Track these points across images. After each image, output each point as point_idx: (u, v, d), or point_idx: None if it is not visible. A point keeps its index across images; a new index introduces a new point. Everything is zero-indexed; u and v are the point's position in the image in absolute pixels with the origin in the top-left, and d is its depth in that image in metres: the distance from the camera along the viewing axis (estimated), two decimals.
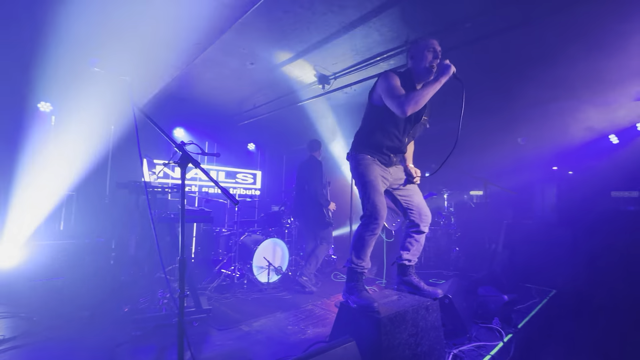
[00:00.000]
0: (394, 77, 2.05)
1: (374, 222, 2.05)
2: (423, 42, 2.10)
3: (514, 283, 3.86)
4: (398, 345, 1.88)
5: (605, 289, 4.02)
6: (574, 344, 3.16)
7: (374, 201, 2.06)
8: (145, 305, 3.02)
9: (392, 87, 2.00)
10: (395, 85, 2.01)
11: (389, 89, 2.01)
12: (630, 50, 3.10)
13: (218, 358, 2.36)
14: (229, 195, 1.30)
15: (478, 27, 2.80)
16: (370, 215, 2.06)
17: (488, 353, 2.34)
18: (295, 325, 2.99)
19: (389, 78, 2.04)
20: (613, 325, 3.27)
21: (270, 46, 3.35)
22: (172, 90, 4.49)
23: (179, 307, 1.32)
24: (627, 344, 2.93)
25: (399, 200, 2.29)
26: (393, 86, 2.00)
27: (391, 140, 2.18)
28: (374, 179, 2.11)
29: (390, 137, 2.16)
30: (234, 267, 4.21)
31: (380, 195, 2.10)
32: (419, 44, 2.11)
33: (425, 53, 2.07)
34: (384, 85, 2.04)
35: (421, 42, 2.11)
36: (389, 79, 2.04)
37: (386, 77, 2.06)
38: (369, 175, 2.12)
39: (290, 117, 5.77)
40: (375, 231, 2.08)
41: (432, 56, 2.06)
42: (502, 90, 4.30)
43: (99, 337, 2.66)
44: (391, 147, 2.20)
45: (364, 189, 2.11)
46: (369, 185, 2.10)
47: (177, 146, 1.37)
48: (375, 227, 2.06)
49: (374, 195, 2.07)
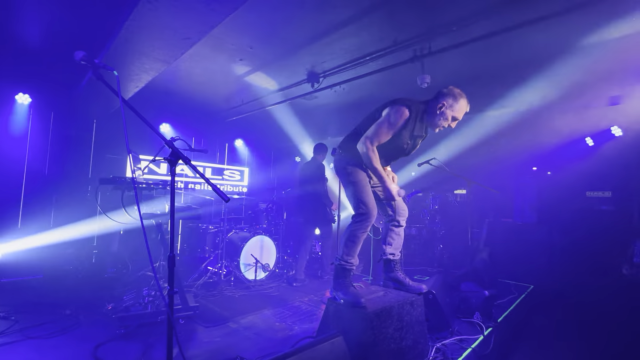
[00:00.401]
0: (403, 118, 2.02)
1: (367, 220, 2.10)
2: (459, 105, 2.06)
3: (494, 279, 4.00)
4: (384, 340, 1.94)
5: (578, 284, 4.23)
6: (549, 337, 3.32)
7: (366, 200, 2.11)
8: (130, 303, 2.97)
9: (384, 127, 2.03)
10: (388, 129, 2.03)
11: (382, 125, 2.04)
12: (606, 59, 3.25)
13: (205, 355, 2.35)
14: (219, 192, 1.31)
15: (464, 31, 2.87)
16: (363, 213, 2.10)
17: (469, 346, 2.43)
18: (283, 322, 3.02)
19: (398, 116, 2.02)
20: (584, 319, 3.45)
21: (260, 42, 3.33)
22: (159, 84, 4.39)
23: (167, 304, 1.31)
24: (597, 335, 3.10)
25: (379, 196, 2.35)
26: (386, 127, 2.03)
27: (388, 158, 2.29)
28: (363, 179, 2.16)
29: (388, 156, 2.26)
30: (221, 265, 4.19)
31: (370, 194, 2.16)
32: (455, 104, 2.06)
33: (449, 117, 2.07)
34: (385, 117, 2.05)
35: (457, 104, 2.06)
36: (397, 117, 2.02)
37: (397, 113, 2.03)
38: (359, 176, 2.16)
39: (279, 113, 5.75)
40: (367, 229, 2.14)
41: (454, 123, 2.11)
42: (486, 92, 4.42)
43: (81, 335, 2.61)
44: (387, 161, 2.31)
45: (354, 189, 2.15)
46: (359, 185, 2.14)
47: (166, 142, 1.36)
48: (368, 225, 2.12)
49: (365, 195, 2.12)
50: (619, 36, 2.85)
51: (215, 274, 4.19)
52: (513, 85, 4.08)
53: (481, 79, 3.99)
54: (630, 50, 3.00)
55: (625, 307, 3.51)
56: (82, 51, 1.51)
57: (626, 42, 2.90)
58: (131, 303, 2.98)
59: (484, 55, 3.42)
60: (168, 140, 1.36)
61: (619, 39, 2.88)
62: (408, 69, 3.51)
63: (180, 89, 4.64)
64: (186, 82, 4.36)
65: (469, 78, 3.95)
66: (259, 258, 4.28)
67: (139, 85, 3.61)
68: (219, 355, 2.35)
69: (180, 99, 5.09)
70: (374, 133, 2.05)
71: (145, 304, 2.89)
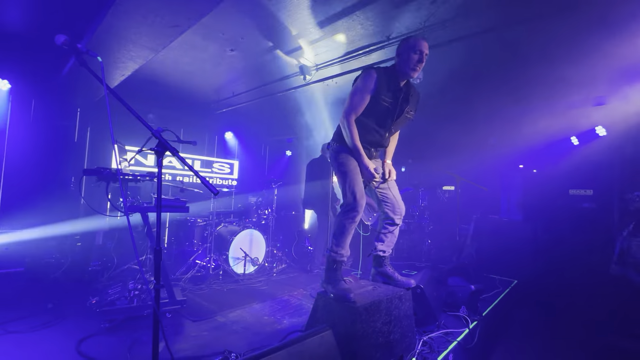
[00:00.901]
0: (372, 78, 2.09)
1: (353, 210, 2.09)
2: (412, 42, 2.10)
3: (480, 274, 4.09)
4: (372, 333, 1.95)
5: (559, 279, 4.37)
6: (531, 330, 3.42)
7: (353, 190, 2.10)
8: (115, 296, 2.91)
9: (357, 92, 2.09)
10: (364, 91, 2.08)
11: (355, 92, 2.10)
12: (592, 60, 3.32)
13: (193, 349, 2.33)
14: (208, 184, 1.28)
15: (455, 28, 2.87)
16: (350, 203, 2.10)
17: (455, 339, 2.48)
18: (272, 316, 3.01)
19: (367, 79, 2.09)
20: (565, 313, 3.57)
21: (251, 33, 3.26)
22: (146, 73, 4.27)
23: (154, 298, 1.29)
24: (578, 328, 3.21)
25: (375, 192, 2.34)
26: (359, 92, 2.09)
27: (372, 135, 2.21)
28: (354, 169, 2.15)
29: (370, 131, 2.20)
30: (209, 258, 4.15)
31: (360, 184, 2.14)
32: (408, 42, 2.12)
33: (411, 54, 2.08)
34: (359, 83, 2.11)
35: (410, 41, 2.11)
36: (366, 79, 2.09)
37: (365, 76, 2.10)
38: (349, 165, 2.15)
39: (270, 106, 5.69)
40: (355, 219, 2.12)
41: (417, 58, 2.08)
42: (476, 91, 4.46)
43: (63, 329, 2.55)
44: (372, 141, 2.23)
45: (343, 178, 2.14)
46: (349, 175, 2.13)
47: (153, 133, 1.32)
48: (355, 214, 2.10)
49: (354, 184, 2.11)
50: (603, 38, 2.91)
51: (203, 268, 4.15)
52: (503, 83, 4.12)
53: (472, 76, 4.02)
54: (614, 51, 3.06)
55: (604, 302, 3.64)
56: (64, 35, 1.44)
57: (610, 44, 2.96)
58: (116, 297, 2.92)
59: (475, 53, 3.44)
60: (155, 130, 1.32)
61: (603, 41, 2.93)
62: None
63: (169, 78, 4.52)
64: (175, 71, 4.25)
65: (461, 75, 3.98)
66: (248, 252, 4.25)
67: (125, 74, 3.49)
68: (207, 349, 2.33)
69: (169, 89, 4.96)
70: (349, 104, 2.11)
71: (131, 297, 2.84)
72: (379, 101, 2.11)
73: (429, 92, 4.47)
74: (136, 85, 4.68)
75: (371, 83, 2.08)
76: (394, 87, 2.14)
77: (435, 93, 4.49)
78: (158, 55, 3.54)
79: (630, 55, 2.99)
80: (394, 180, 2.40)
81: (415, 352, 2.22)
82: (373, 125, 2.19)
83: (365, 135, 2.19)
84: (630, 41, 2.83)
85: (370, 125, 2.18)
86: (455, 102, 4.89)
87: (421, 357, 2.17)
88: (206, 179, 1.32)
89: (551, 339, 3.17)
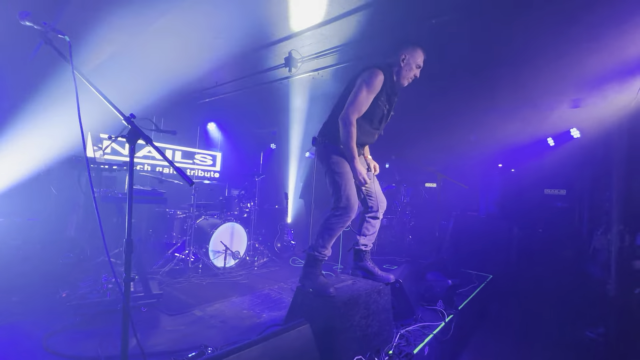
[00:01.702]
0: (381, 81, 2.00)
1: (347, 215, 2.06)
2: (417, 53, 2.10)
3: (458, 269, 4.20)
4: (350, 327, 1.96)
5: (532, 274, 4.55)
6: (503, 322, 3.56)
7: (349, 195, 2.06)
8: (87, 290, 2.80)
9: (364, 95, 1.98)
10: (367, 96, 1.99)
11: (361, 93, 1.99)
12: (570, 64, 3.43)
13: (168, 344, 2.28)
14: (183, 175, 1.23)
15: (443, 25, 2.88)
16: (345, 207, 2.05)
17: (431, 332, 2.53)
18: (251, 310, 2.99)
19: (375, 79, 1.99)
20: (536, 306, 3.73)
21: (236, 21, 3.16)
22: (124, 58, 4.08)
23: (123, 292, 1.23)
24: (547, 322, 3.36)
25: (359, 187, 2.33)
26: (365, 95, 1.99)
27: (366, 137, 2.19)
28: (349, 172, 2.09)
29: (366, 133, 2.17)
30: (189, 251, 4.06)
31: (354, 188, 2.11)
32: (414, 52, 2.10)
33: (413, 67, 2.10)
34: (363, 84, 2.00)
35: (416, 52, 2.11)
36: (374, 79, 1.99)
37: (373, 76, 1.99)
38: (344, 167, 2.09)
39: (255, 98, 5.58)
40: (346, 223, 2.09)
41: (418, 71, 2.13)
42: (459, 89, 4.53)
43: (30, 324, 2.43)
44: (366, 142, 2.24)
45: (338, 180, 2.08)
46: (344, 178, 2.07)
47: (125, 119, 1.25)
48: (347, 219, 2.08)
49: (349, 189, 2.07)
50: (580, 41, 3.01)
51: (182, 261, 4.06)
52: (487, 83, 4.20)
53: (459, 74, 4.07)
54: (590, 55, 3.17)
55: (572, 296, 3.82)
56: (27, 12, 1.34)
57: (586, 47, 3.06)
58: (88, 290, 2.81)
59: (463, 51, 3.48)
60: (127, 116, 1.25)
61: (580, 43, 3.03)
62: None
63: (149, 65, 4.33)
64: (155, 58, 4.08)
65: (447, 71, 4.01)
66: (229, 245, 4.19)
67: (101, 58, 3.32)
68: (182, 344, 2.28)
69: (149, 76, 4.76)
70: (354, 102, 1.99)
71: (104, 291, 2.74)
72: (377, 103, 2.07)
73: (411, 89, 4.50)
74: (114, 72, 4.48)
75: (379, 84, 2.01)
76: (391, 91, 2.12)
77: (417, 91, 4.52)
78: (138, 39, 3.39)
79: (605, 59, 3.10)
80: (376, 175, 2.40)
81: (393, 344, 2.25)
82: (369, 128, 2.15)
83: (360, 137, 2.13)
84: (605, 46, 2.93)
85: (366, 127, 2.14)
86: (436, 101, 4.96)
87: (398, 349, 2.20)
88: (182, 170, 1.27)
89: (522, 331, 3.30)
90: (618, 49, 2.87)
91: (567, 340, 3.13)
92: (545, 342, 3.12)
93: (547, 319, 3.54)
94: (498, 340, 3.22)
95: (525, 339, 3.17)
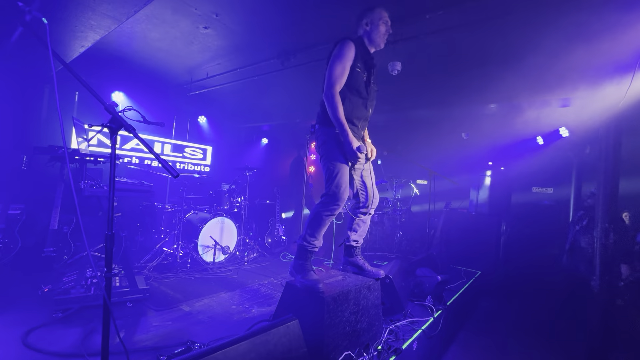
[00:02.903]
0: (351, 48, 2.02)
1: (335, 203, 2.03)
2: (378, 13, 2.14)
3: (447, 265, 4.24)
4: (339, 323, 1.95)
5: (518, 270, 4.63)
6: (490, 317, 3.60)
7: (339, 182, 2.03)
8: (70, 285, 2.72)
9: (339, 63, 1.98)
10: (345, 60, 1.99)
11: (337, 62, 1.98)
12: (560, 63, 3.46)
13: (154, 339, 2.23)
14: (168, 167, 1.18)
15: (436, 20, 2.87)
16: (333, 195, 2.02)
17: (420, 327, 2.55)
18: (240, 305, 2.95)
19: (346, 47, 2.01)
20: (522, 301, 3.79)
21: (227, 10, 3.09)
22: (112, 47, 3.95)
23: (104, 287, 1.19)
24: (534, 316, 3.42)
25: (354, 179, 2.30)
26: (341, 63, 1.98)
27: (359, 109, 2.13)
28: (344, 160, 2.06)
29: (358, 105, 2.11)
30: (177, 246, 3.99)
31: (346, 177, 2.07)
32: (373, 13, 2.14)
33: (379, 24, 2.13)
34: (336, 53, 2.01)
35: (376, 13, 2.14)
36: (345, 48, 2.00)
37: (344, 46, 2.01)
38: (338, 154, 2.05)
39: (247, 91, 5.49)
40: (334, 212, 2.06)
41: (384, 29, 2.15)
42: (451, 87, 4.53)
43: (9, 320, 2.35)
44: (360, 116, 2.15)
45: (331, 167, 2.05)
46: (336, 165, 2.04)
47: (106, 107, 1.19)
48: (336, 208, 2.04)
49: (340, 176, 2.04)
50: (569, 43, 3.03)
51: (170, 256, 3.99)
52: (478, 80, 4.21)
53: (453, 71, 4.07)
54: (579, 54, 3.19)
55: (558, 292, 3.90)
56: None
57: (575, 46, 3.08)
58: (72, 285, 2.73)
59: (456, 48, 3.47)
60: (108, 104, 1.19)
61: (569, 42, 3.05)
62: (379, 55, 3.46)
63: (137, 55, 4.21)
64: (143, 47, 3.96)
65: (438, 67, 4.01)
66: (218, 240, 4.14)
67: (84, 45, 3.20)
68: (169, 339, 2.24)
69: (137, 66, 4.64)
70: (330, 75, 1.99)
71: (87, 286, 2.67)
72: (355, 70, 2.06)
73: (404, 86, 4.50)
74: (100, 61, 4.34)
75: (351, 52, 2.01)
76: (367, 56, 2.14)
77: (409, 87, 4.52)
78: (124, 27, 3.28)
79: (594, 58, 3.12)
80: (372, 168, 2.37)
81: (382, 340, 2.25)
82: (358, 98, 2.11)
83: (354, 111, 2.09)
84: (594, 45, 2.96)
85: (355, 98, 2.10)
86: (429, 97, 4.96)
87: (387, 344, 2.20)
88: (166, 162, 1.22)
89: (508, 326, 3.34)
90: (607, 48, 2.90)
91: (554, 334, 3.20)
92: (532, 336, 3.18)
93: (534, 313, 3.60)
94: (485, 335, 3.26)
95: (512, 334, 3.23)
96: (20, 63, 3.89)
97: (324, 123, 2.11)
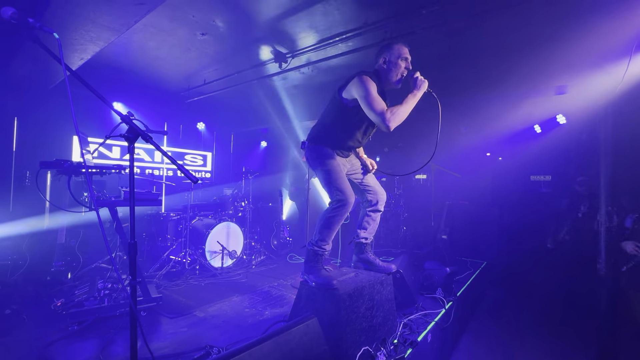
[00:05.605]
0: (373, 84, 1.94)
1: (344, 207, 2.07)
2: (398, 49, 2.06)
3: (453, 257, 4.28)
4: (356, 319, 1.98)
5: (521, 258, 4.68)
6: (499, 305, 3.65)
7: (342, 188, 2.07)
8: (83, 297, 2.74)
9: (373, 98, 1.90)
10: (376, 96, 1.92)
11: (371, 99, 1.90)
12: (555, 51, 3.51)
13: (172, 346, 2.25)
14: (187, 173, 1.20)
15: (434, 15, 2.90)
16: (340, 200, 2.06)
17: (433, 320, 2.58)
18: (253, 308, 2.97)
19: (367, 85, 1.92)
20: (526, 289, 3.84)
21: (223, 17, 3.10)
22: (109, 58, 3.95)
23: (130, 295, 1.21)
24: (541, 303, 3.46)
25: (356, 184, 2.36)
26: (374, 97, 1.90)
27: (352, 141, 2.20)
28: (337, 166, 2.12)
29: (352, 138, 2.18)
30: (185, 253, 4.00)
31: (346, 180, 2.13)
32: (393, 49, 2.06)
33: (399, 62, 2.06)
34: (364, 92, 1.91)
35: (396, 49, 2.06)
36: (367, 86, 1.91)
37: (364, 83, 1.92)
38: (332, 163, 2.11)
39: (245, 95, 5.51)
40: (344, 216, 2.11)
41: (404, 65, 2.07)
42: (455, 78, 4.55)
43: (26, 336, 2.36)
44: (351, 147, 2.25)
45: (329, 177, 2.10)
46: (333, 173, 2.09)
47: (123, 118, 1.21)
48: (345, 212, 2.09)
49: (341, 182, 2.09)
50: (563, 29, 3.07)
51: (178, 263, 4.00)
52: (478, 71, 4.25)
53: (449, 64, 4.10)
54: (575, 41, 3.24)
55: (556, 279, 3.94)
56: (11, 8, 1.28)
57: (571, 33, 3.13)
58: (85, 297, 2.75)
59: (452, 41, 3.50)
60: (124, 115, 1.21)
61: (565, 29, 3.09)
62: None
63: (135, 64, 4.21)
64: (141, 56, 3.97)
65: (437, 62, 4.04)
66: (225, 245, 4.15)
67: (84, 57, 3.20)
68: (187, 345, 2.26)
69: (135, 76, 4.64)
70: (372, 104, 1.89)
71: (101, 297, 2.68)
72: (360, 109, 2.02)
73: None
74: (98, 72, 4.34)
75: (372, 83, 1.94)
76: (381, 94, 2.08)
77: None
78: (122, 37, 3.28)
79: (590, 45, 3.17)
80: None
81: (397, 334, 2.28)
82: (356, 133, 2.15)
83: (347, 142, 2.16)
84: (590, 31, 3.00)
85: (354, 132, 2.14)
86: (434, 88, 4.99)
87: (402, 338, 2.23)
88: (184, 167, 1.24)
89: (516, 314, 3.39)
90: (602, 34, 2.94)
91: (560, 319, 3.24)
92: (541, 324, 3.22)
93: (541, 301, 3.65)
94: (495, 324, 3.30)
95: (521, 322, 3.27)
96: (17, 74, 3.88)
97: (314, 141, 2.20)
